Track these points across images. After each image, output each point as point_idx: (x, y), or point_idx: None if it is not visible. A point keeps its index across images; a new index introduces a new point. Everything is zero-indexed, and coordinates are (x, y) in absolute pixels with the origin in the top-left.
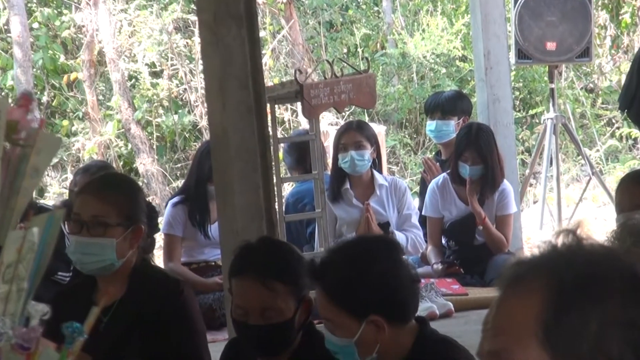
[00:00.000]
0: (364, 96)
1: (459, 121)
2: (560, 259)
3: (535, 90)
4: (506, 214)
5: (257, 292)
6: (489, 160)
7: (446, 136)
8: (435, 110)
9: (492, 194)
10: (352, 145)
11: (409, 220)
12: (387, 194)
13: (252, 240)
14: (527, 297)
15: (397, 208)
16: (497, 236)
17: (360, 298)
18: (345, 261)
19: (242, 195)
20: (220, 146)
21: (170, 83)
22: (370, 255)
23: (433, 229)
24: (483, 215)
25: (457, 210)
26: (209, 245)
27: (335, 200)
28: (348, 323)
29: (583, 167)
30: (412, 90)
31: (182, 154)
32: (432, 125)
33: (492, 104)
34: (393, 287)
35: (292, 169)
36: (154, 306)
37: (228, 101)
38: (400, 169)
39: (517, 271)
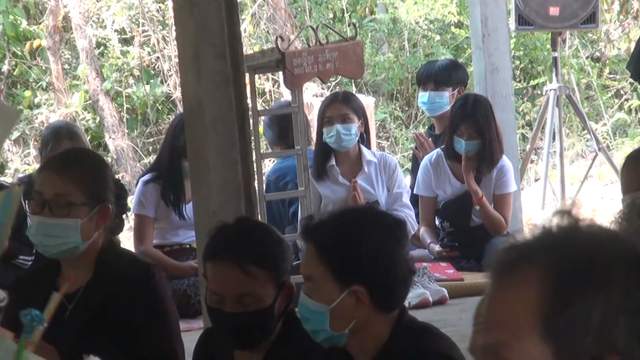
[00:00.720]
0: (351, 65)
1: (454, 92)
2: (557, 244)
3: (537, 59)
4: (505, 192)
5: (233, 277)
6: (486, 135)
7: (440, 109)
8: (428, 80)
9: (490, 171)
10: (338, 118)
11: (399, 199)
12: (376, 171)
13: (229, 221)
14: (523, 286)
15: (386, 186)
16: (495, 217)
17: (350, 262)
18: (346, 223)
19: (218, 172)
20: (194, 119)
21: (141, 51)
22: (375, 225)
23: (426, 209)
24: (480, 194)
25: (452, 189)
26: (184, 227)
27: (320, 178)
28: (330, 287)
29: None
30: (403, 59)
31: (155, 127)
32: (424, 96)
33: (490, 74)
34: (387, 264)
35: (273, 144)
36: (122, 292)
37: (203, 71)
38: (390, 144)
39: (510, 258)
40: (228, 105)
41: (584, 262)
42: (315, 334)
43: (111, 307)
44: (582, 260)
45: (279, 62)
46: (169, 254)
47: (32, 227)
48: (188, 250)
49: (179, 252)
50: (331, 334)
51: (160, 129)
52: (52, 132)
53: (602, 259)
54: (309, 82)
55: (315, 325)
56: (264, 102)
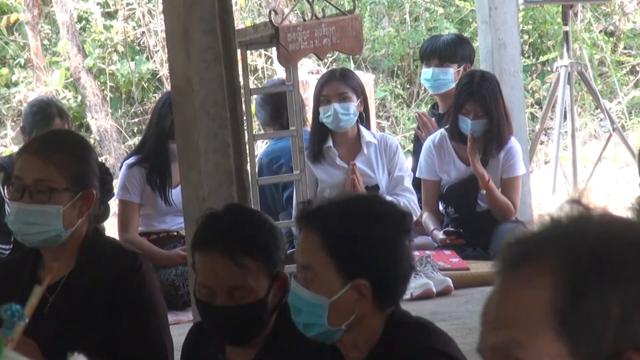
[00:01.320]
0: (349, 40)
1: (459, 69)
2: (569, 234)
3: (547, 33)
4: (513, 176)
5: (224, 268)
6: (494, 114)
7: (444, 86)
8: (431, 56)
9: (498, 152)
10: (336, 97)
11: (401, 183)
12: (376, 153)
13: (219, 208)
14: (534, 281)
15: (387, 169)
16: (503, 202)
17: (357, 255)
18: (353, 213)
19: (208, 155)
20: (183, 98)
21: (126, 25)
22: (383, 215)
23: (429, 194)
24: (487, 178)
25: (457, 172)
26: (171, 213)
27: (316, 161)
28: (331, 278)
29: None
30: (404, 33)
31: (140, 107)
32: (427, 73)
33: (497, 50)
34: (393, 258)
35: (266, 124)
36: (107, 283)
37: (192, 47)
38: (391, 124)
39: (518, 252)
40: (219, 84)
41: (600, 253)
42: (308, 328)
43: (95, 299)
44: (597, 251)
45: (273, 37)
46: (155, 242)
47: (10, 214)
48: (175, 238)
49: (165, 240)
50: (327, 329)
51: (146, 109)
52: (40, 111)
53: (619, 249)
54: (305, 59)
55: (309, 318)
56: (256, 80)
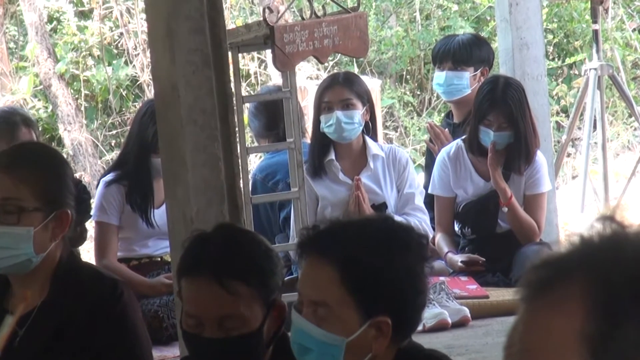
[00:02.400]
0: (353, 41)
1: (476, 73)
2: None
3: (574, 32)
4: (538, 192)
5: (213, 295)
6: (520, 125)
7: (458, 92)
8: (444, 58)
9: (525, 168)
10: (338, 104)
11: (411, 201)
12: (384, 168)
13: (208, 228)
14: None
15: (396, 185)
16: (526, 221)
17: (380, 290)
18: (373, 240)
19: (196, 170)
20: (167, 107)
21: (102, 26)
22: (404, 242)
23: (443, 212)
24: (509, 194)
25: (474, 188)
26: (154, 236)
27: (317, 175)
28: (349, 316)
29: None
30: (414, 33)
31: (119, 117)
32: (440, 77)
33: (519, 51)
34: (415, 290)
35: (260, 136)
36: (84, 314)
37: (177, 49)
38: (399, 135)
39: (545, 276)
40: (207, 90)
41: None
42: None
43: (71, 331)
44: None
45: (267, 38)
46: (136, 268)
47: None
48: (159, 264)
49: (148, 267)
50: None
51: (125, 119)
52: (2, 121)
53: None
54: (303, 62)
55: (321, 358)
56: (249, 87)
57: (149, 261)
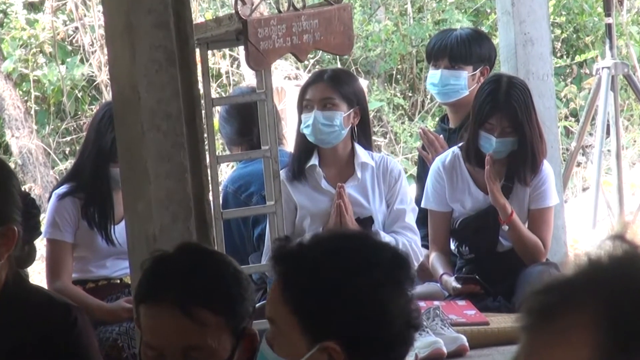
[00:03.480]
0: (336, 37)
1: (475, 72)
2: (611, 280)
3: (585, 27)
4: (543, 207)
5: (176, 325)
6: (526, 130)
7: (455, 93)
8: (440, 56)
9: (532, 179)
10: (318, 103)
11: (401, 218)
12: (373, 178)
13: (172, 248)
14: (571, 336)
15: (385, 199)
16: (530, 239)
17: (324, 311)
18: (325, 255)
19: (159, 181)
20: (127, 111)
21: (54, 20)
22: (367, 262)
23: (438, 229)
24: (509, 210)
25: (473, 202)
26: (113, 255)
27: (296, 181)
28: (295, 338)
29: None
30: (405, 28)
31: (73, 122)
32: (435, 76)
33: (523, 48)
34: (377, 316)
35: (232, 143)
36: (33, 342)
37: (139, 45)
38: (388, 142)
39: (549, 301)
40: (173, 92)
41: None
42: None
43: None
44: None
45: (240, 33)
46: (93, 291)
47: None
48: (119, 287)
49: (106, 289)
50: None
51: (81, 124)
52: None
53: None
54: (280, 61)
55: None
56: (219, 88)
57: (107, 283)
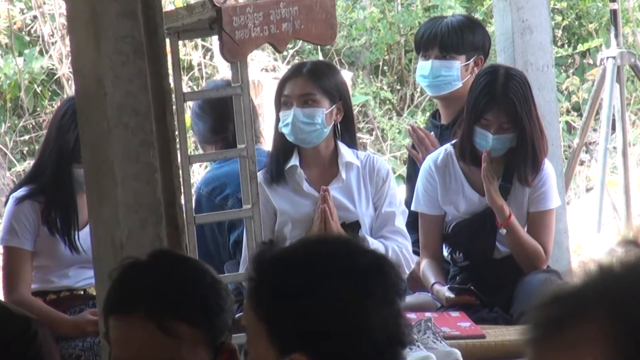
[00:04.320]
0: (318, 25)
1: (469, 63)
2: (625, 288)
3: (588, 13)
4: (544, 209)
5: (149, 338)
6: (526, 125)
7: (447, 86)
8: (430, 45)
9: (533, 179)
10: (298, 99)
11: (391, 222)
12: (359, 179)
13: (142, 255)
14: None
15: (373, 202)
16: (530, 245)
17: (291, 322)
18: (295, 261)
19: (127, 183)
20: (92, 106)
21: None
22: (340, 270)
23: (429, 233)
24: (507, 213)
25: (467, 204)
26: (76, 264)
27: (276, 183)
28: (264, 349)
29: None
30: (392, 15)
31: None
32: (425, 68)
33: (520, 36)
34: (349, 329)
35: (205, 141)
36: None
37: (104, 35)
38: (374, 140)
39: (558, 312)
40: (141, 86)
41: None
42: None
43: None
44: None
45: (213, 22)
46: (55, 303)
47: None
48: (83, 298)
49: (69, 301)
50: None
51: (41, 122)
52: None
53: None
54: (257, 51)
55: None
56: (191, 81)
57: (70, 294)
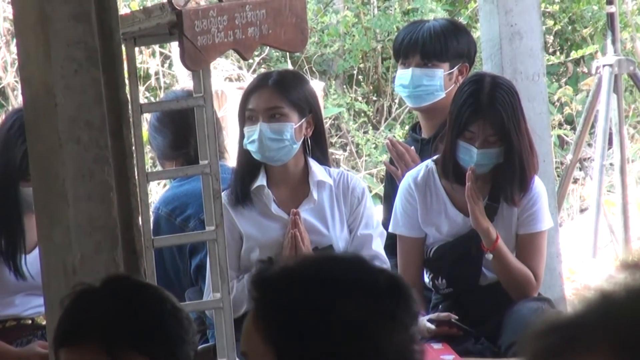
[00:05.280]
0: (287, 30)
1: (453, 71)
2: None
3: (582, 17)
4: (535, 231)
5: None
6: (514, 139)
7: (429, 96)
8: (410, 52)
9: (521, 199)
10: (264, 113)
11: (367, 245)
12: (332, 200)
13: (95, 282)
14: None
15: (347, 224)
16: (520, 271)
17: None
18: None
19: (79, 203)
20: (41, 119)
21: None
22: (356, 289)
23: (409, 258)
24: (494, 236)
25: (450, 225)
26: (24, 291)
27: (241, 205)
28: None
29: None
30: (368, 19)
31: None
32: (405, 77)
33: (509, 42)
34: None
35: (165, 157)
36: None
37: (55, 41)
38: (349, 156)
39: (556, 343)
40: (95, 97)
41: None
42: None
43: None
44: None
45: (173, 26)
46: (1, 334)
47: None
48: (30, 328)
49: (15, 332)
50: None
51: None
52: None
53: None
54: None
55: None
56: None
57: (16, 324)
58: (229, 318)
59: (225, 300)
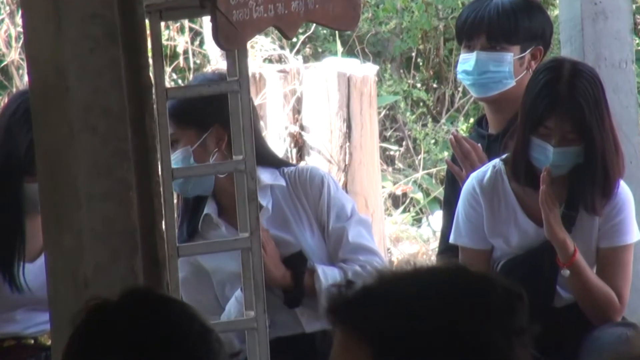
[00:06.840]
0: (337, 5)
1: (524, 55)
2: None
3: None
4: (619, 245)
5: None
6: (596, 137)
7: (497, 85)
8: (476, 32)
9: (604, 206)
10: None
11: (344, 239)
12: (288, 201)
13: (112, 296)
14: None
15: (316, 222)
16: (600, 290)
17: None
18: (425, 303)
19: (94, 204)
20: (51, 105)
21: None
22: (477, 307)
23: None
24: (571, 249)
25: (521, 236)
26: (25, 306)
27: (193, 241)
28: None
29: None
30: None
31: None
32: (469, 61)
33: (592, 23)
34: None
35: None
36: None
37: (67, 15)
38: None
39: None
40: (113, 80)
41: None
42: None
43: None
44: None
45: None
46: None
47: None
48: (32, 349)
49: (15, 353)
50: None
51: None
52: None
53: None
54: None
55: None
56: (175, 74)
57: (16, 344)
58: (264, 339)
59: (260, 319)
